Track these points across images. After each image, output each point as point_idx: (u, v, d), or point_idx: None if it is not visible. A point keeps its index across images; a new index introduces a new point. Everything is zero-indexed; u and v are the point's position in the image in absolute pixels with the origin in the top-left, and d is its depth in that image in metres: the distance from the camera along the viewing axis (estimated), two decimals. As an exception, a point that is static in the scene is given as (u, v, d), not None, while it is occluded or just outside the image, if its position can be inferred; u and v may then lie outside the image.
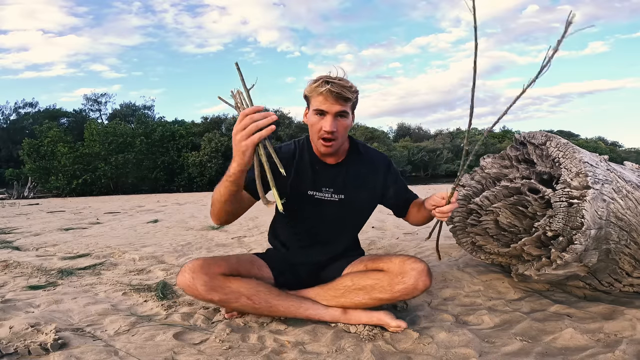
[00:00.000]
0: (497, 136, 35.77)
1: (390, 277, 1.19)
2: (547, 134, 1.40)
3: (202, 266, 1.19)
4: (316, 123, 1.25)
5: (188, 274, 1.18)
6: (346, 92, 1.21)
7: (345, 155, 1.39)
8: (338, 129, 1.25)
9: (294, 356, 1.05)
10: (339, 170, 1.37)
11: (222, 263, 1.24)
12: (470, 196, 1.62)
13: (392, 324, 1.16)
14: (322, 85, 1.21)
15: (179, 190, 17.76)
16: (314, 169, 1.35)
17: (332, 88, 1.19)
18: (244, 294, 1.20)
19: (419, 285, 1.17)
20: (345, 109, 1.24)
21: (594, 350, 1.04)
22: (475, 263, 1.87)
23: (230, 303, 1.21)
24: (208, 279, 1.17)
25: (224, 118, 21.66)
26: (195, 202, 7.97)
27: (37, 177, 16.06)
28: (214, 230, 3.47)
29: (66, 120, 30.93)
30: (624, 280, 1.41)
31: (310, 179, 1.35)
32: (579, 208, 1.17)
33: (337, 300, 1.25)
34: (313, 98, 1.25)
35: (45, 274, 1.95)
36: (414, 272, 1.17)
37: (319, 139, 1.27)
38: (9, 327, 1.17)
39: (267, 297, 1.22)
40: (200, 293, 1.18)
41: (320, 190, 1.35)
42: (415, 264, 1.19)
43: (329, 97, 1.21)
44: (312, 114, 1.26)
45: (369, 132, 27.81)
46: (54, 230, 3.78)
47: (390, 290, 1.18)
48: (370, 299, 1.20)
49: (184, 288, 1.20)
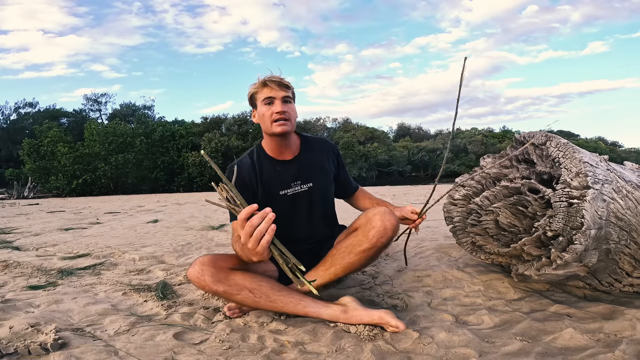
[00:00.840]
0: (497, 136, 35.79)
1: (362, 228, 1.33)
2: (547, 134, 1.40)
3: (211, 260, 1.29)
4: (267, 111, 1.42)
5: (198, 266, 1.28)
6: (284, 81, 1.43)
7: (299, 149, 1.55)
8: (287, 111, 1.42)
9: (294, 356, 1.05)
10: (299, 161, 1.52)
11: (230, 258, 1.32)
12: (470, 196, 1.62)
13: (391, 322, 1.17)
14: (264, 81, 1.42)
15: (179, 190, 17.78)
16: (276, 170, 1.49)
17: (273, 78, 1.41)
18: (246, 287, 1.26)
19: (387, 225, 1.30)
20: (288, 94, 1.43)
21: (594, 350, 1.04)
22: (475, 263, 1.87)
23: (233, 295, 1.26)
24: (215, 272, 1.26)
25: (224, 118, 21.66)
26: (195, 202, 7.98)
27: (37, 177, 16.07)
28: (214, 230, 3.47)
29: (66, 120, 30.90)
30: (624, 280, 1.41)
31: (277, 180, 1.48)
32: (579, 208, 1.17)
33: (329, 272, 1.35)
34: (259, 92, 1.43)
35: (45, 274, 1.95)
36: (378, 216, 1.31)
37: (272, 123, 1.41)
38: (9, 327, 1.17)
39: (268, 291, 1.27)
40: (208, 284, 1.26)
41: (290, 186, 1.49)
42: (376, 210, 1.34)
43: (273, 85, 1.40)
44: (262, 106, 1.43)
45: (369, 132, 27.84)
46: (54, 230, 3.78)
47: (367, 239, 1.30)
48: (356, 254, 1.32)
49: (193, 279, 1.28)
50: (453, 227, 1.67)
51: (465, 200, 1.63)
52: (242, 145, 19.22)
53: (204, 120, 21.87)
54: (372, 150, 24.19)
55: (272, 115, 1.40)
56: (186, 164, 18.55)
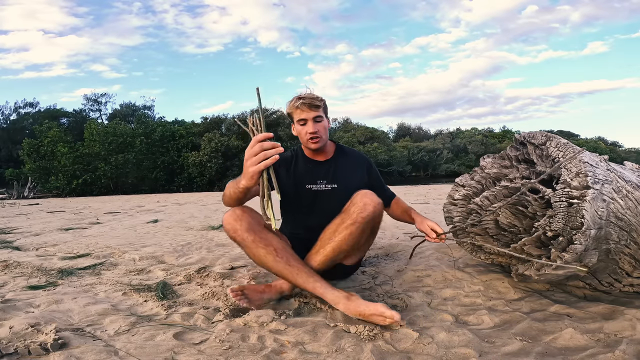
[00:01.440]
0: (497, 136, 35.78)
1: (345, 211, 1.45)
2: (547, 134, 1.40)
3: (250, 211, 1.44)
4: (302, 130, 1.61)
5: (239, 210, 1.41)
6: (315, 101, 1.58)
7: (332, 154, 1.73)
8: (318, 129, 1.60)
9: (294, 356, 1.05)
10: (329, 164, 1.70)
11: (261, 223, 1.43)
12: (470, 196, 1.62)
13: (386, 313, 1.21)
14: (297, 101, 1.58)
15: (179, 190, 17.76)
16: (308, 167, 1.69)
17: (305, 101, 1.57)
18: (273, 244, 1.38)
19: (365, 201, 1.41)
20: (319, 113, 1.59)
21: (594, 350, 1.04)
22: (475, 263, 1.87)
23: (258, 247, 1.37)
24: (251, 221, 1.39)
25: (224, 118, 21.64)
26: (195, 202, 7.97)
27: (37, 177, 16.06)
28: (214, 230, 3.47)
29: (66, 120, 30.90)
30: (624, 280, 1.41)
31: (307, 175, 1.67)
32: (579, 208, 1.17)
33: (323, 253, 1.43)
34: (294, 113, 1.61)
35: (45, 274, 1.95)
36: (359, 196, 1.44)
37: (307, 140, 1.61)
38: (9, 327, 1.17)
39: (290, 257, 1.38)
40: (241, 229, 1.37)
41: (316, 182, 1.66)
42: (359, 191, 1.46)
43: (304, 108, 1.57)
44: (297, 125, 1.62)
45: (369, 132, 27.82)
46: (54, 230, 3.78)
47: (349, 215, 1.41)
48: (340, 232, 1.41)
49: (227, 222, 1.40)
50: (453, 227, 1.67)
51: (465, 200, 1.63)
52: (242, 145, 19.20)
53: (204, 120, 21.84)
54: (372, 150, 24.18)
55: (306, 135, 1.59)
56: (186, 164, 18.52)
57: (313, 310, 1.39)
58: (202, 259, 2.23)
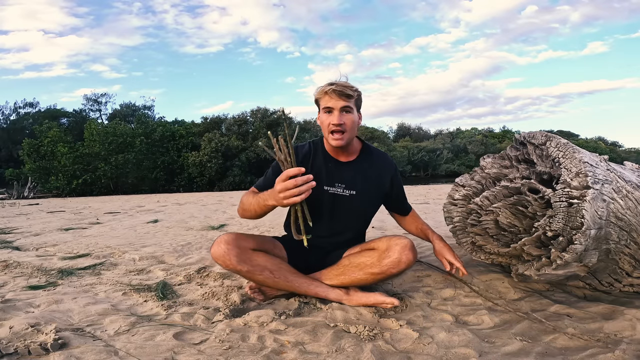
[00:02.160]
0: (497, 136, 35.76)
1: (379, 253, 1.37)
2: (547, 134, 1.39)
3: (235, 240, 1.36)
4: (326, 120, 1.43)
5: (224, 245, 1.34)
6: (347, 90, 1.39)
7: (357, 155, 1.55)
8: (345, 122, 1.41)
9: (294, 356, 1.05)
10: (351, 167, 1.53)
11: (251, 240, 1.41)
12: (470, 196, 1.62)
13: (386, 300, 1.33)
14: (327, 86, 1.40)
15: (179, 190, 17.76)
16: (327, 166, 1.51)
17: (335, 88, 1.38)
18: (267, 268, 1.38)
19: (402, 259, 1.33)
20: (349, 104, 1.40)
21: (594, 350, 1.04)
22: (475, 263, 1.87)
23: (255, 274, 1.37)
24: (240, 252, 1.35)
25: (224, 118, 21.64)
26: (195, 202, 7.97)
27: (37, 177, 16.06)
28: (214, 230, 3.46)
29: (66, 120, 30.89)
30: (624, 280, 1.41)
31: (324, 175, 1.50)
32: (579, 208, 1.17)
33: (338, 278, 1.42)
34: (321, 99, 1.43)
35: (45, 274, 1.95)
36: (398, 247, 1.34)
37: (329, 133, 1.43)
38: (9, 327, 1.17)
39: (286, 273, 1.41)
40: (232, 263, 1.34)
41: (333, 185, 1.50)
42: (399, 240, 1.35)
43: (333, 95, 1.39)
44: (322, 113, 1.44)
45: (369, 132, 27.82)
46: (54, 230, 3.78)
47: (380, 265, 1.35)
48: (365, 274, 1.37)
49: (217, 257, 1.35)
50: (453, 227, 1.67)
51: (465, 200, 1.63)
52: (242, 145, 19.20)
53: (204, 120, 21.83)
54: (372, 150, 24.12)
55: (329, 126, 1.41)
56: (186, 164, 18.52)
57: (313, 310, 1.39)
58: (202, 259, 2.22)
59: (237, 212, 1.51)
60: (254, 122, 21.05)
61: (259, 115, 21.49)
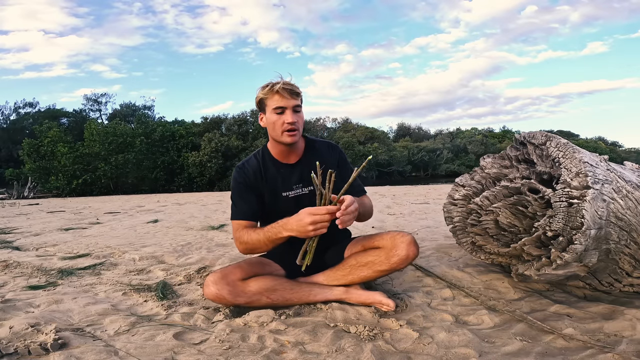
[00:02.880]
0: (497, 136, 35.78)
1: (386, 251, 1.40)
2: (547, 134, 1.40)
3: (222, 277, 1.35)
4: (277, 120, 1.41)
5: (212, 286, 1.33)
6: (296, 88, 1.42)
7: (302, 153, 1.55)
8: (298, 121, 1.42)
9: (294, 356, 1.05)
10: (301, 165, 1.54)
11: (237, 270, 1.39)
12: (470, 196, 1.62)
13: (383, 301, 1.37)
14: (275, 86, 1.39)
15: (179, 190, 17.74)
16: (280, 173, 1.52)
17: (285, 86, 1.39)
18: (263, 294, 1.37)
19: (409, 255, 1.38)
20: (298, 102, 1.42)
21: (594, 350, 1.04)
22: (475, 263, 1.87)
23: (252, 303, 1.36)
24: (231, 288, 1.33)
25: (224, 118, 21.64)
26: (195, 202, 7.97)
27: (37, 177, 16.04)
28: (214, 230, 3.47)
29: (66, 120, 30.85)
30: (624, 280, 1.41)
31: (280, 182, 1.52)
32: (579, 208, 1.17)
33: (346, 279, 1.44)
34: (269, 99, 1.41)
35: (45, 274, 1.95)
36: (404, 245, 1.38)
37: (282, 132, 1.41)
38: (9, 327, 1.17)
39: (283, 293, 1.40)
40: (228, 300, 1.33)
41: (292, 189, 1.52)
42: (403, 238, 1.40)
43: (284, 94, 1.38)
44: (272, 113, 1.41)
45: (369, 132, 27.82)
46: (54, 230, 3.78)
47: (388, 263, 1.39)
48: (374, 272, 1.42)
49: (212, 299, 1.35)
50: (453, 227, 1.67)
51: (465, 200, 1.63)
52: (242, 145, 19.19)
53: (204, 120, 21.81)
54: (372, 150, 24.16)
55: (283, 125, 1.40)
56: (186, 164, 18.51)
57: (313, 310, 1.39)
58: (202, 259, 2.22)
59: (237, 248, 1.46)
60: (254, 122, 21.05)
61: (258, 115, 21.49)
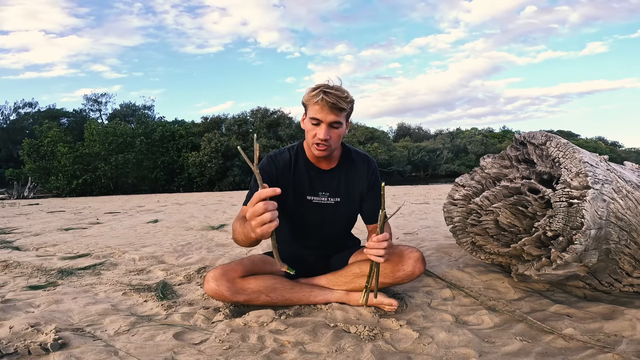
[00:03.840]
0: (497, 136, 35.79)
1: (392, 265, 1.35)
2: (547, 134, 1.40)
3: (222, 273, 1.33)
4: (311, 130, 1.34)
5: (212, 282, 1.32)
6: (341, 102, 1.28)
7: (337, 162, 1.49)
8: (331, 137, 1.33)
9: (294, 356, 1.05)
10: (333, 175, 1.48)
11: (238, 267, 1.37)
12: (470, 196, 1.62)
13: (385, 301, 1.34)
14: (318, 94, 1.28)
15: (179, 190, 17.75)
16: (309, 175, 1.46)
17: (327, 98, 1.26)
18: (262, 292, 1.35)
19: (415, 271, 1.36)
20: (339, 119, 1.31)
21: (594, 350, 1.04)
22: (475, 263, 1.87)
23: (253, 301, 1.35)
24: (230, 285, 1.31)
25: (224, 118, 21.64)
26: (195, 202, 7.97)
27: (37, 177, 16.04)
28: (214, 230, 3.46)
29: (66, 120, 30.85)
30: (624, 280, 1.41)
31: (307, 184, 1.46)
32: (579, 208, 1.17)
33: (347, 285, 1.41)
34: (310, 106, 1.32)
35: (45, 274, 1.95)
36: (411, 260, 1.35)
37: (313, 144, 1.36)
38: (9, 327, 1.17)
39: (282, 292, 1.38)
40: (227, 297, 1.32)
41: (317, 194, 1.47)
42: (412, 253, 1.36)
43: (324, 107, 1.28)
44: (308, 121, 1.34)
45: (369, 132, 27.81)
46: (54, 230, 3.78)
47: (393, 276, 1.36)
48: None
49: (211, 295, 1.34)
50: (453, 227, 1.67)
51: (465, 200, 1.63)
52: (242, 145, 19.20)
53: (204, 120, 21.82)
54: (372, 150, 24.17)
55: (314, 138, 1.33)
56: (186, 164, 18.51)
57: (313, 310, 1.39)
58: (202, 259, 2.22)
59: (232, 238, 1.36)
60: (254, 122, 21.07)
61: (259, 115, 21.52)
